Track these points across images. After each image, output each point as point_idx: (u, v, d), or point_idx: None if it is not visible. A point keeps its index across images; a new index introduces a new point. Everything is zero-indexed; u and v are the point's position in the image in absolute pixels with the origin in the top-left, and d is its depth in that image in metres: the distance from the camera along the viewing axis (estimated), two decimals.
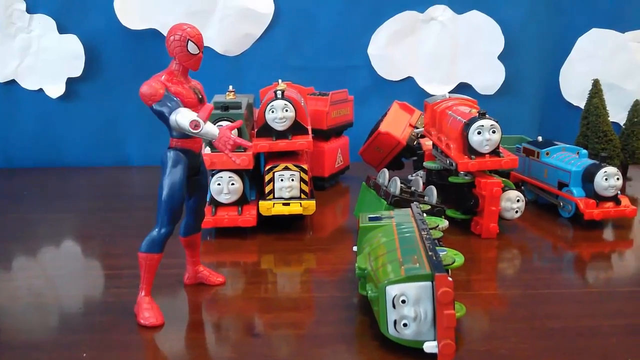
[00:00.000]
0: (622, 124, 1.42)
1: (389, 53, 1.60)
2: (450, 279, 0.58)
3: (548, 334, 0.68)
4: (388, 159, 1.35)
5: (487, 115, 0.99)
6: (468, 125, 0.99)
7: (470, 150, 0.99)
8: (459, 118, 1.02)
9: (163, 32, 1.51)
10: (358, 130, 1.44)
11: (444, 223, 0.85)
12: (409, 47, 1.60)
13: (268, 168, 1.03)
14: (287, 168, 1.03)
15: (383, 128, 1.31)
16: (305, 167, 1.04)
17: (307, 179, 1.04)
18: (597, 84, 1.36)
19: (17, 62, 1.55)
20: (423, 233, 0.70)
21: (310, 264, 0.93)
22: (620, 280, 0.87)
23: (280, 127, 1.05)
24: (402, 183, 0.99)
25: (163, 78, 0.69)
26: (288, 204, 1.02)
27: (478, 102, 1.14)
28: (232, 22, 1.54)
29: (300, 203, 1.02)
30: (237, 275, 0.88)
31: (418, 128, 1.31)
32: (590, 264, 0.94)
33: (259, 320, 0.74)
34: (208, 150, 0.98)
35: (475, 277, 0.86)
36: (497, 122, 0.98)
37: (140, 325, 0.70)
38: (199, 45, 0.70)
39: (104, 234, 1.05)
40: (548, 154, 1.17)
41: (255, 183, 1.10)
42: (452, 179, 1.04)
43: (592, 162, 1.09)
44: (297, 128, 1.06)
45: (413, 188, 1.01)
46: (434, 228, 0.77)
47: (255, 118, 1.14)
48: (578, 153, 1.16)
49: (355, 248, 0.81)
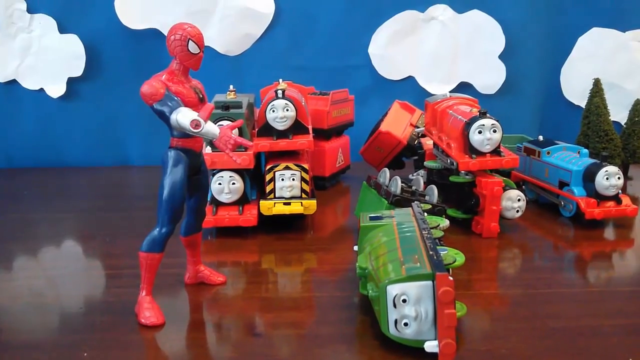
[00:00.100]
0: (623, 123, 1.42)
1: (390, 52, 1.60)
2: (451, 279, 0.58)
3: (549, 334, 0.68)
4: (389, 159, 1.35)
5: (488, 115, 0.99)
6: (469, 125, 0.99)
7: (471, 150, 0.99)
8: (460, 117, 1.02)
9: (163, 31, 1.51)
10: (359, 130, 1.44)
11: (445, 222, 0.85)
12: (410, 46, 1.60)
13: (269, 167, 1.03)
14: (287, 167, 1.03)
15: (384, 127, 1.31)
16: (306, 166, 1.04)
17: (307, 179, 1.04)
18: (598, 83, 1.36)
19: (17, 62, 1.55)
20: (424, 232, 0.70)
21: (311, 264, 0.93)
22: (622, 280, 0.87)
23: (281, 126, 1.05)
24: (402, 182, 0.99)
25: (164, 77, 0.69)
26: (289, 204, 1.02)
27: (479, 101, 1.14)
28: (232, 21, 1.54)
29: (301, 202, 1.02)
30: (237, 275, 0.88)
31: (419, 127, 1.31)
32: (591, 264, 0.94)
33: (260, 320, 0.74)
34: (209, 150, 0.98)
35: (476, 276, 0.86)
36: (497, 121, 0.98)
37: (141, 325, 0.70)
38: (200, 45, 0.70)
39: (105, 234, 1.05)
40: (549, 153, 1.17)
41: (256, 182, 1.10)
42: (453, 179, 1.04)
43: (593, 161, 1.09)
44: (297, 127, 1.06)
45: (414, 187, 1.01)
46: (435, 227, 0.77)
47: (256, 117, 1.14)
48: (579, 152, 1.15)
49: (356, 247, 0.81)
